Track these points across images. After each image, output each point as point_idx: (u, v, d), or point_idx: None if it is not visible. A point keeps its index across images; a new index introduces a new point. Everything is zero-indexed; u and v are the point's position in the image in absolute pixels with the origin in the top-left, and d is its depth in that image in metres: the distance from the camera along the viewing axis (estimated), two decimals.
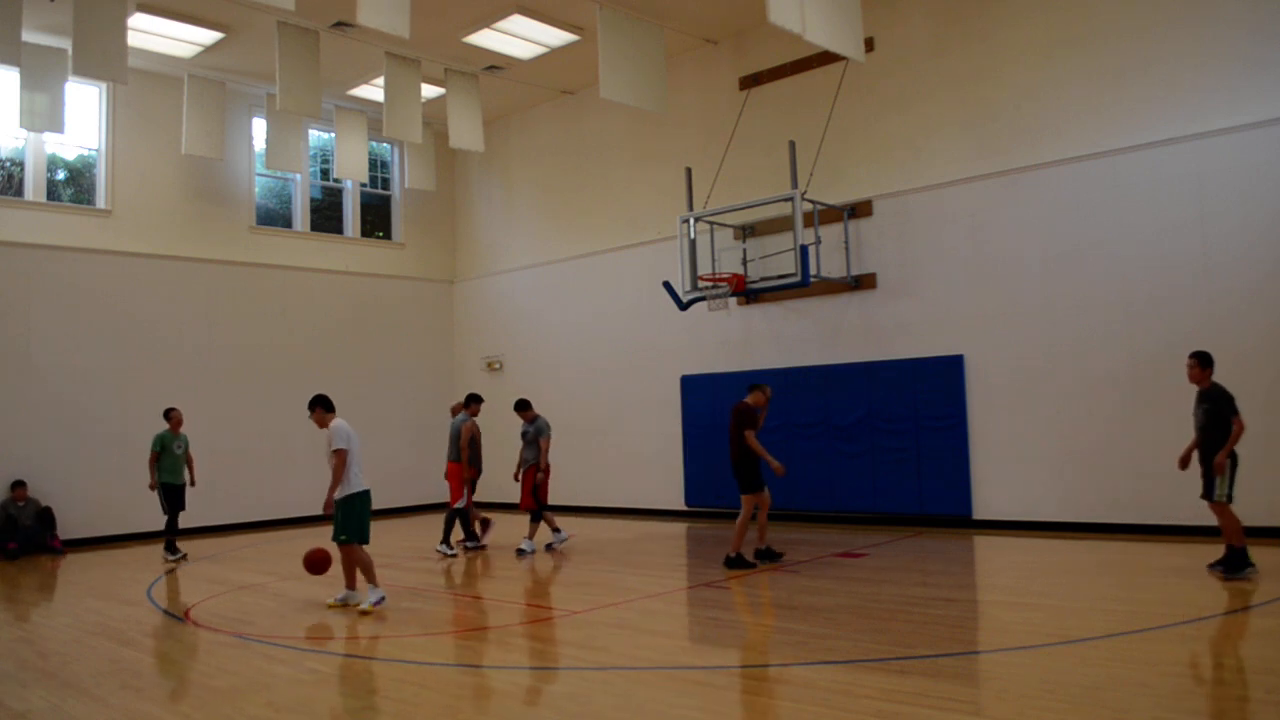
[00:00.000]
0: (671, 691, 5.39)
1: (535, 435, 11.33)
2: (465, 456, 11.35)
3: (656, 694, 5.30)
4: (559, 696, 5.38)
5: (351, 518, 7.95)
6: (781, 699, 5.06)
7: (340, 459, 7.84)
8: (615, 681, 5.69)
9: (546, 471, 11.31)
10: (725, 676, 5.55)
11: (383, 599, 7.97)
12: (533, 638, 6.82)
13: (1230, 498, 8.03)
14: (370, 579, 7.98)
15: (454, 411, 12.10)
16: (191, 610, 8.18)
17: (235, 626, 7.46)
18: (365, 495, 8.05)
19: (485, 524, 12.00)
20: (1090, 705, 4.64)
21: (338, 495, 7.92)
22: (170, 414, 11.75)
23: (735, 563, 9.36)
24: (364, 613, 7.78)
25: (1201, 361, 8.22)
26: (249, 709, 5.33)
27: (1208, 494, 8.05)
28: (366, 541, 8.04)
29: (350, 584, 8.21)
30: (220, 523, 14.59)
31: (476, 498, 11.79)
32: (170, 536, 11.65)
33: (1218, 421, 8.00)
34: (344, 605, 8.09)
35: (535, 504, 11.23)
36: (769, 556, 9.62)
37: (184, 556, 11.56)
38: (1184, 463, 8.40)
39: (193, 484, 11.88)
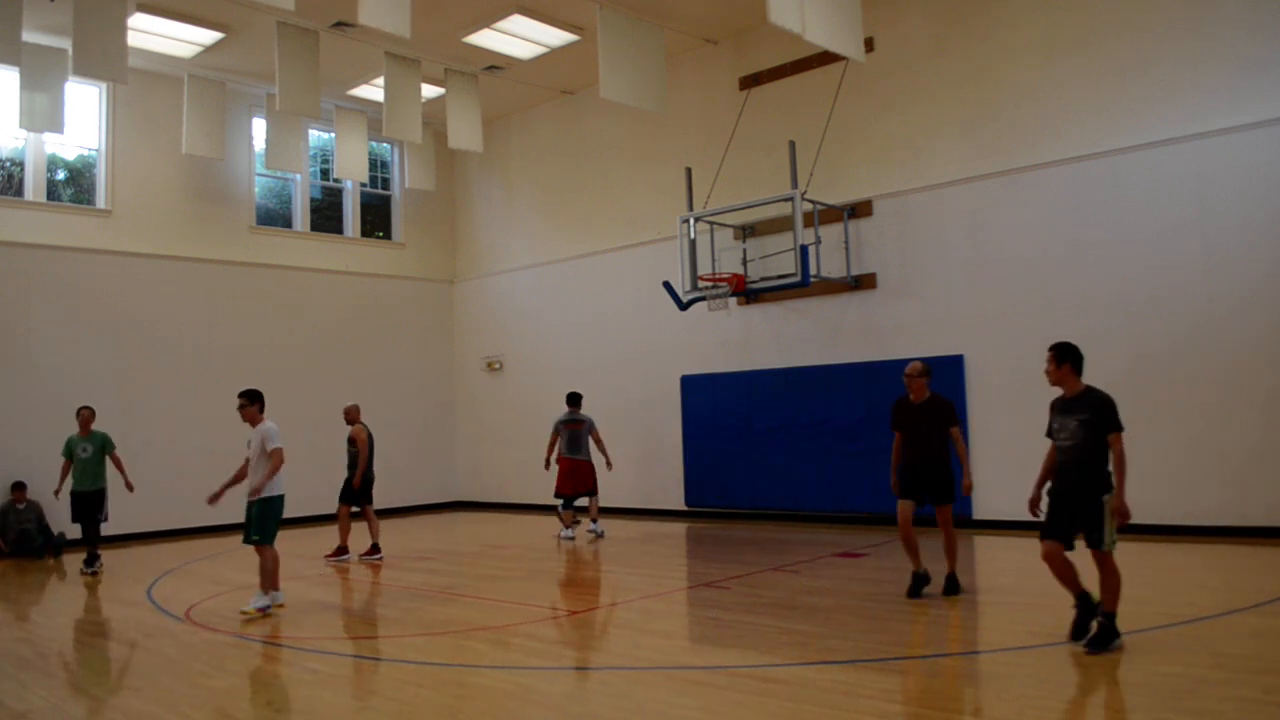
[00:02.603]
0: (671, 691, 5.39)
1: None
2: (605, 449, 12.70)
3: (656, 694, 5.30)
4: (559, 696, 5.38)
5: (272, 519, 7.92)
6: (781, 699, 5.06)
7: (280, 459, 7.83)
8: (615, 681, 5.70)
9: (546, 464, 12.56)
10: (725, 676, 5.55)
11: (268, 608, 7.80)
12: (533, 638, 6.82)
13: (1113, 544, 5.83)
14: (265, 584, 7.90)
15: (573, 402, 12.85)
16: (191, 610, 8.18)
17: (235, 626, 7.46)
18: (283, 499, 8.03)
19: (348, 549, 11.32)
20: (1090, 705, 4.64)
21: (268, 493, 7.86)
22: (79, 413, 10.83)
23: (952, 584, 7.68)
24: (245, 613, 7.65)
25: (1060, 356, 6.01)
26: (249, 709, 5.33)
27: (1096, 541, 5.81)
28: (272, 544, 7.99)
29: (273, 585, 8.00)
30: (220, 523, 14.53)
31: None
32: (91, 548, 10.76)
33: (1099, 439, 5.83)
34: (279, 607, 7.96)
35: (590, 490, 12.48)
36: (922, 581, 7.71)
37: (100, 569, 10.66)
38: (1036, 504, 6.13)
39: (129, 488, 10.80)
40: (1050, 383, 6.09)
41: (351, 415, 11.40)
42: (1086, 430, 5.82)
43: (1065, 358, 5.99)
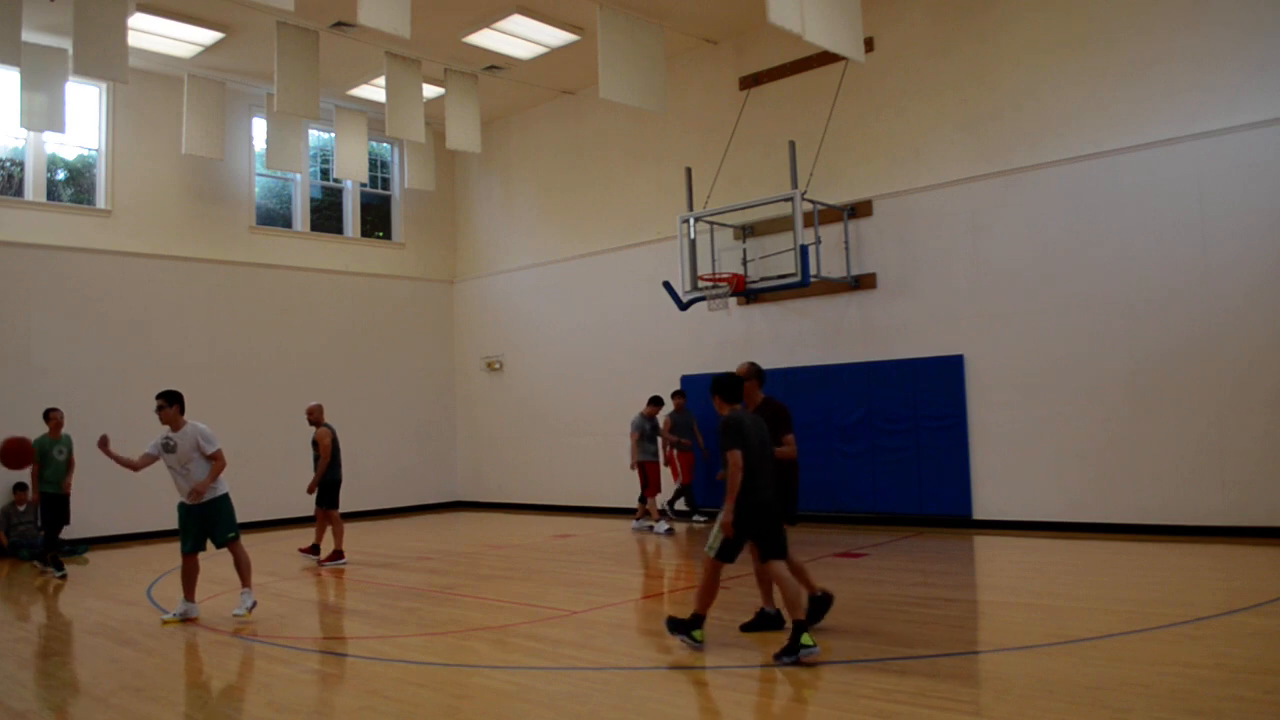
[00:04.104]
0: (671, 691, 5.39)
1: (655, 430, 13.21)
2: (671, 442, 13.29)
3: (656, 694, 5.30)
4: (559, 696, 5.38)
5: (232, 515, 7.89)
6: (782, 699, 5.06)
7: (223, 461, 7.74)
8: (615, 681, 5.69)
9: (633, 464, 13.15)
10: (725, 676, 5.55)
11: (254, 604, 7.77)
12: (533, 638, 6.82)
13: (721, 554, 5.95)
14: (246, 580, 7.88)
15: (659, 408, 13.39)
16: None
17: (235, 626, 7.46)
18: (229, 495, 7.98)
19: (331, 553, 10.94)
20: (1090, 705, 4.64)
21: (213, 495, 7.78)
22: (50, 415, 10.80)
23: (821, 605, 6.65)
24: (239, 617, 7.61)
25: (711, 388, 6.26)
26: (249, 709, 5.33)
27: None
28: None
29: (189, 595, 7.82)
30: None
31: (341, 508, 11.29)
32: (53, 551, 10.72)
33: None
34: (183, 620, 7.69)
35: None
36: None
37: (65, 575, 10.52)
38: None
39: (66, 492, 10.81)
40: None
41: (315, 415, 10.98)
42: (719, 455, 6.10)
43: (714, 390, 6.28)
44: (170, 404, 7.88)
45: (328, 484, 10.89)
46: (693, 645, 6.00)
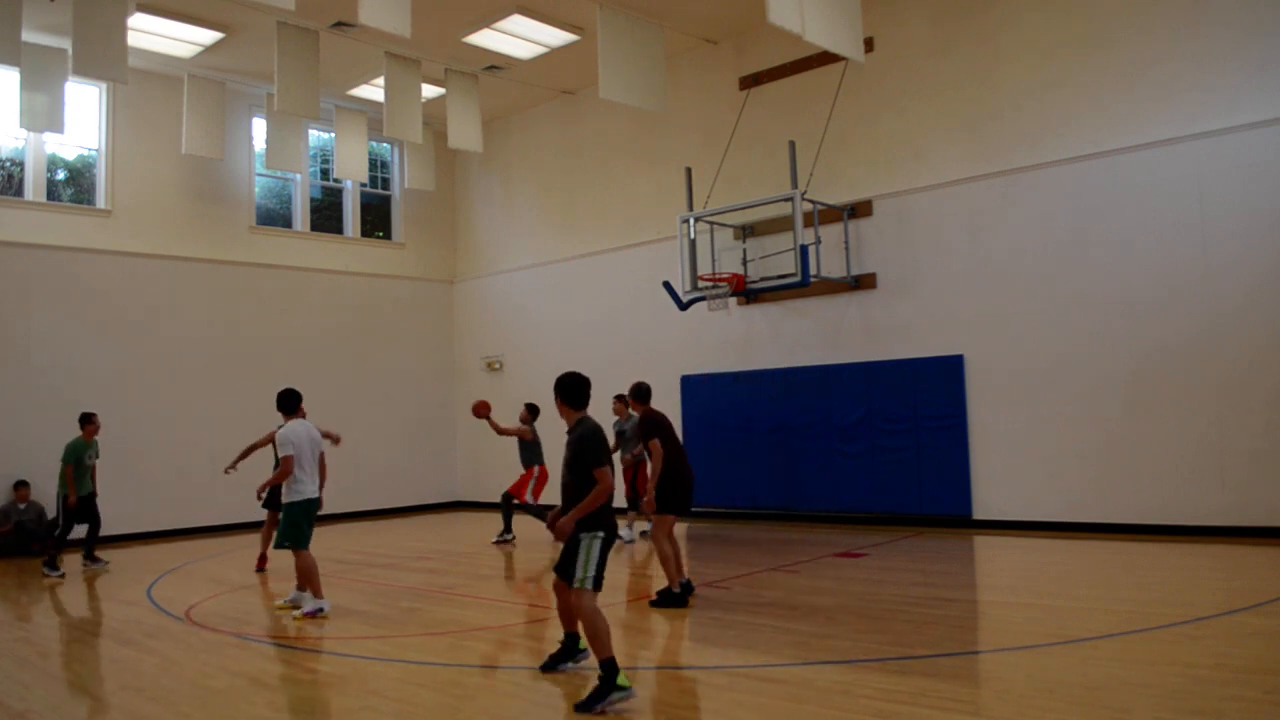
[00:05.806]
0: (672, 691, 5.39)
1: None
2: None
3: (657, 694, 5.30)
4: (559, 696, 5.39)
5: (293, 524, 7.88)
6: (781, 699, 5.06)
7: (288, 468, 7.82)
8: None
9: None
10: (725, 676, 5.55)
11: (320, 609, 7.77)
12: (533, 638, 6.82)
13: (594, 582, 5.35)
14: (302, 585, 7.92)
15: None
16: (191, 610, 8.18)
17: (235, 626, 7.46)
18: (312, 503, 7.97)
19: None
20: (1090, 705, 4.64)
21: (286, 498, 7.88)
22: (90, 420, 10.93)
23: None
24: (289, 612, 7.71)
25: (556, 393, 5.65)
26: (249, 709, 5.33)
27: (568, 575, 5.44)
28: (304, 548, 7.92)
29: (301, 585, 8.15)
30: (221, 523, 14.59)
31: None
32: (52, 552, 10.71)
33: (583, 475, 5.42)
34: (293, 606, 8.06)
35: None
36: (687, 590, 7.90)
37: (63, 575, 10.57)
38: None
39: (94, 494, 11.12)
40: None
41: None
42: (567, 469, 5.49)
43: (556, 394, 5.64)
44: (278, 407, 8.25)
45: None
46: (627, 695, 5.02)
